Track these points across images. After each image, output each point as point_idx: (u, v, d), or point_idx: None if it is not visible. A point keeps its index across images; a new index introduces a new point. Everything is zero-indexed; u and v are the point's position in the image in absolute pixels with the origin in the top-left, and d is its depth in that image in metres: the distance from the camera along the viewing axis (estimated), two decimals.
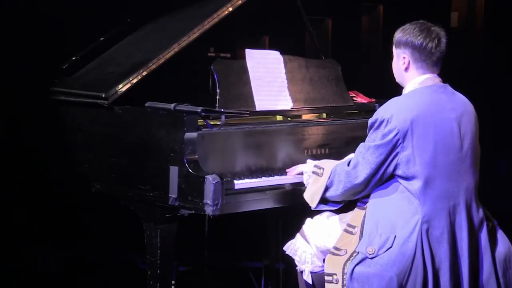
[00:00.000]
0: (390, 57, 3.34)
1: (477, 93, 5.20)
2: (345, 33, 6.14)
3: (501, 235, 3.29)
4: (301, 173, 3.51)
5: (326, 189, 3.28)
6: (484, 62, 6.60)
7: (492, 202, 3.68)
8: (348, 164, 3.21)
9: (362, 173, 3.14)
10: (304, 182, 3.47)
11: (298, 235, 3.49)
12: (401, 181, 3.11)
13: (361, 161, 3.14)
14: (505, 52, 6.37)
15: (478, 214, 3.20)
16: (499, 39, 6.47)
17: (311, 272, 3.44)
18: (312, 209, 3.37)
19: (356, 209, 3.26)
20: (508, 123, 6.31)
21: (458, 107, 3.19)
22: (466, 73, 6.44)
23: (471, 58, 6.64)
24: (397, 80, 3.32)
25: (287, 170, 3.60)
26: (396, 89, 3.36)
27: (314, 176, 3.36)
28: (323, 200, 3.32)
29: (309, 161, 3.52)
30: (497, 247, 3.23)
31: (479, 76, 6.58)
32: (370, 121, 3.16)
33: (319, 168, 3.36)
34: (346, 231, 3.22)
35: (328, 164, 3.35)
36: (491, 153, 5.96)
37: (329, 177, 3.27)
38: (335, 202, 3.33)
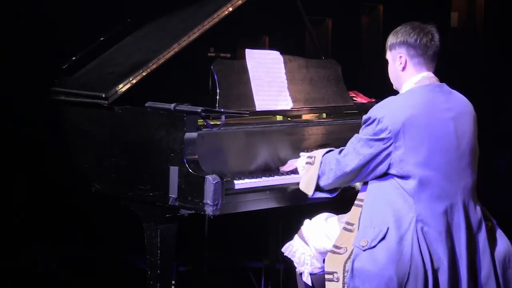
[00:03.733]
0: (387, 60, 3.34)
1: (477, 93, 5.21)
2: (345, 33, 6.14)
3: (500, 235, 3.28)
4: (296, 169, 3.52)
5: (319, 177, 3.30)
6: (484, 62, 6.59)
7: (492, 202, 3.68)
8: (340, 153, 3.25)
9: (351, 163, 3.17)
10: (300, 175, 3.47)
11: (296, 237, 3.49)
12: (396, 179, 3.12)
13: (352, 151, 3.18)
14: (505, 52, 6.37)
15: (476, 213, 3.19)
16: (499, 39, 6.46)
17: (310, 274, 3.45)
18: (309, 197, 3.37)
19: (354, 207, 3.27)
20: (509, 123, 6.31)
21: (455, 107, 3.19)
22: (466, 73, 6.43)
23: (471, 58, 6.63)
24: (394, 86, 3.33)
25: (280, 168, 3.60)
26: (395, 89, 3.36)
27: (307, 166, 3.39)
28: (319, 188, 3.34)
29: (302, 154, 3.54)
30: (497, 247, 3.23)
31: (479, 76, 6.58)
32: (364, 116, 3.19)
33: (311, 157, 3.39)
34: (345, 229, 3.23)
35: (319, 152, 3.38)
36: (491, 153, 5.97)
37: (320, 166, 3.30)
38: (330, 191, 3.35)
